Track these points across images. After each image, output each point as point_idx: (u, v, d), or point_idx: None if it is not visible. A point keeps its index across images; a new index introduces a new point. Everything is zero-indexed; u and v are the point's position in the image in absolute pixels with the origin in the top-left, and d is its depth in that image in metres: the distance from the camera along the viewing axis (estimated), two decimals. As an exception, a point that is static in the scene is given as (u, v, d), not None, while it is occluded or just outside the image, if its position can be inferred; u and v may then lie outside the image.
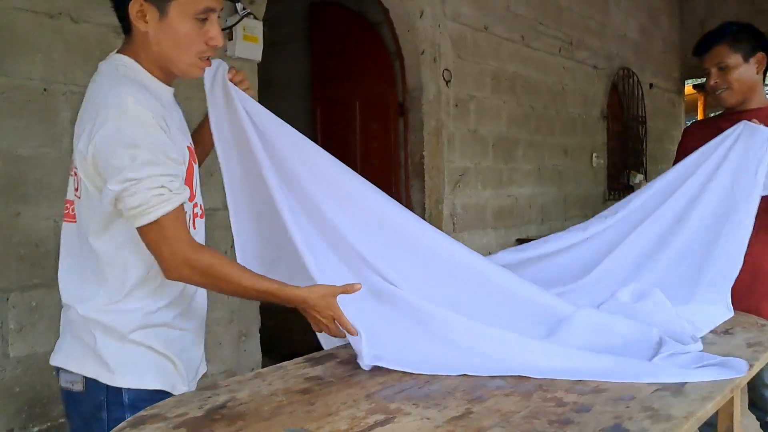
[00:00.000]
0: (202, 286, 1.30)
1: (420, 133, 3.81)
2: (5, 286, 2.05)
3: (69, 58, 2.21)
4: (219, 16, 1.25)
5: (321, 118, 4.23)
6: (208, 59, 1.27)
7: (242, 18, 2.71)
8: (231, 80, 1.35)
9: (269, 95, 4.74)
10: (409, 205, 3.87)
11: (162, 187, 1.14)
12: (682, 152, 2.15)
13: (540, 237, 4.71)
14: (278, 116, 4.36)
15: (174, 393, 1.23)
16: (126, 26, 1.24)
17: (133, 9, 1.19)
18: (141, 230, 1.16)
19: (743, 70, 2.00)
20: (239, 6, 2.72)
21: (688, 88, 7.88)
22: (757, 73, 2.02)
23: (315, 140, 4.78)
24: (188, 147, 1.27)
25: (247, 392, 1.16)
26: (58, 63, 2.19)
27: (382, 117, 3.93)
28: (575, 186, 5.28)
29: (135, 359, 1.21)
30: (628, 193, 5.83)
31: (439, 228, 3.82)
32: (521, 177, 4.67)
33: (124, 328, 1.21)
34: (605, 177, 5.75)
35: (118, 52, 1.25)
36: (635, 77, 6.22)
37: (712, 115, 2.31)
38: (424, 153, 3.81)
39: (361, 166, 4.05)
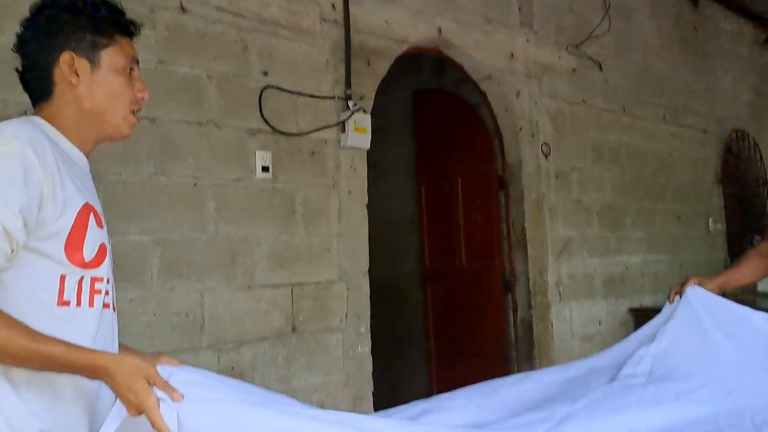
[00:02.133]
0: None
1: (521, 205, 3.95)
2: (162, 349, 2.41)
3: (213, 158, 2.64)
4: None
5: (426, 196, 4.50)
6: (135, 114, 1.23)
7: (353, 113, 3.07)
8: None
9: (377, 177, 5.11)
10: (513, 276, 3.97)
11: None
12: None
13: (655, 306, 4.58)
14: (385, 196, 4.83)
15: None
16: (43, 89, 1.17)
17: (64, 65, 1.14)
18: None
19: None
20: (351, 103, 3.08)
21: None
22: None
23: (421, 217, 5.04)
24: (88, 205, 1.13)
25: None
26: (205, 162, 2.61)
27: (484, 192, 4.12)
28: (691, 252, 5.10)
29: None
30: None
31: (545, 297, 3.89)
32: (631, 245, 4.61)
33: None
34: (725, 242, 5.49)
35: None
36: (750, 138, 5.99)
37: None
38: (525, 224, 3.92)
39: (465, 239, 4.24)
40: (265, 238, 2.76)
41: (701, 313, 1.89)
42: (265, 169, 2.79)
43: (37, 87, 1.18)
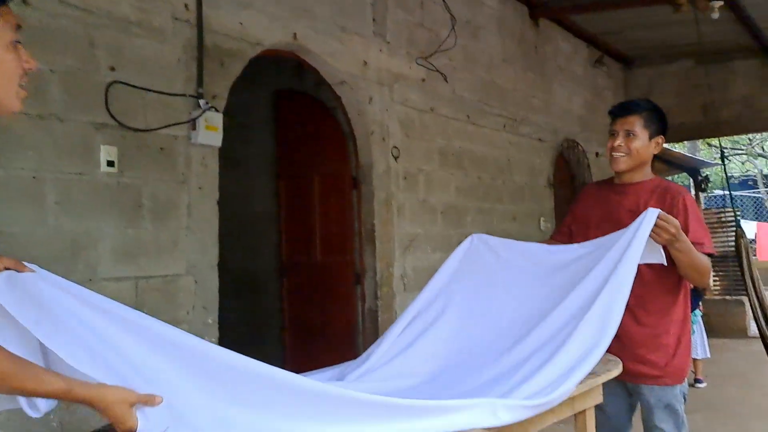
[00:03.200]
0: None
1: (371, 204, 4.24)
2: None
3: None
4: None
5: (285, 193, 4.68)
6: (24, 86, 1.22)
7: (204, 111, 3.17)
8: None
9: (239, 174, 5.22)
10: (363, 269, 4.26)
11: None
12: (575, 208, 2.50)
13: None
14: (247, 193, 5.03)
15: None
16: None
17: None
18: None
19: (644, 144, 2.21)
20: (202, 102, 3.18)
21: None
22: (653, 152, 2.26)
23: (279, 213, 5.23)
24: None
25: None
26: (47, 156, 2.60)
27: (338, 191, 4.37)
28: (526, 249, 5.69)
29: None
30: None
31: (391, 288, 4.21)
32: (471, 241, 5.07)
33: None
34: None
35: None
36: (580, 147, 6.77)
37: (604, 180, 2.65)
38: (375, 222, 4.22)
39: (320, 235, 4.47)
40: (110, 232, 2.80)
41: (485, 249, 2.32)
42: (110, 163, 2.82)
43: None
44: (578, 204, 2.54)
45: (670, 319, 2.19)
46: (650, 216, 1.94)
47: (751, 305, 3.70)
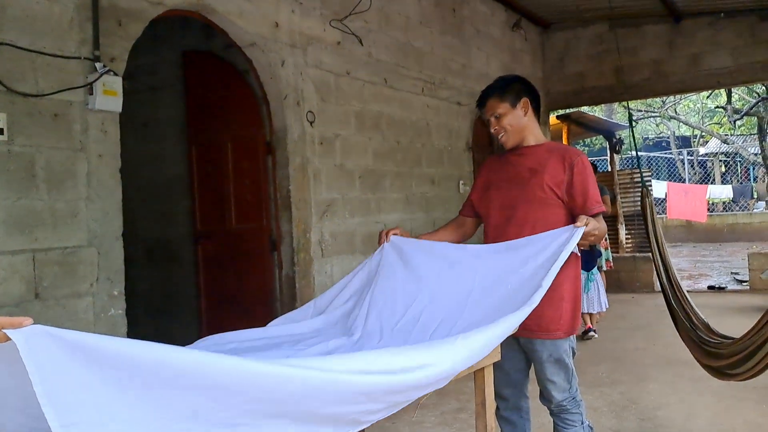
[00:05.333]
0: None
1: (286, 170, 4.20)
2: None
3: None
4: None
5: (197, 159, 4.55)
6: None
7: (102, 75, 3.02)
8: None
9: (147, 137, 5.04)
10: (279, 236, 4.24)
11: None
12: (478, 179, 2.59)
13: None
14: (157, 157, 4.89)
15: None
16: None
17: None
18: None
19: (512, 116, 2.34)
20: (99, 65, 3.03)
21: (553, 118, 8.74)
22: (525, 115, 2.35)
23: (192, 180, 5.14)
24: None
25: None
26: None
27: (252, 156, 4.30)
28: (443, 211, 5.82)
29: None
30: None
31: (308, 254, 4.23)
32: (389, 205, 5.14)
33: None
34: (474, 201, 6.34)
35: None
36: (499, 111, 6.91)
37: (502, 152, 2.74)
38: (290, 187, 4.19)
39: (235, 202, 4.40)
40: (1, 203, 2.67)
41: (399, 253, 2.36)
42: (-2, 131, 2.67)
43: None
44: (481, 174, 2.63)
45: (563, 276, 2.28)
46: (578, 234, 2.10)
47: (653, 260, 3.92)
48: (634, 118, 7.24)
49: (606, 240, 6.59)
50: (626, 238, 9.02)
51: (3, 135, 2.70)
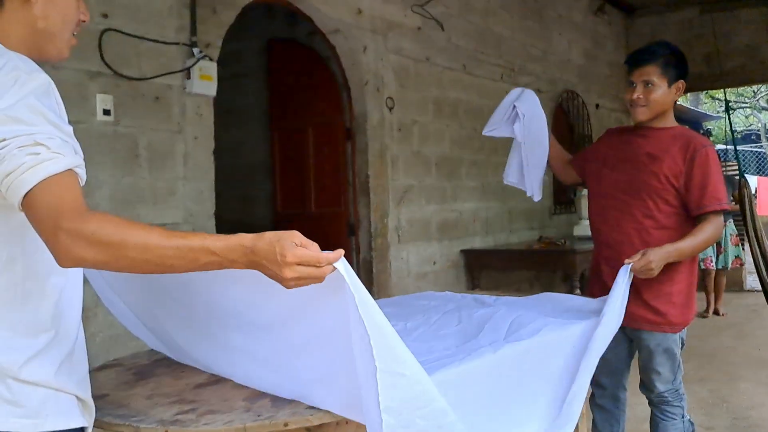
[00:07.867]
0: (104, 267, 0.99)
1: (365, 155, 4.27)
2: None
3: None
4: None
5: (278, 144, 4.69)
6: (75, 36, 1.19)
7: (198, 60, 3.16)
8: None
9: (231, 124, 5.23)
10: (357, 220, 4.32)
11: (37, 144, 0.94)
12: (596, 149, 2.43)
13: (484, 248, 5.13)
14: (240, 143, 5.01)
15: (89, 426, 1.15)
16: None
17: None
18: (24, 204, 0.95)
19: (664, 92, 2.14)
20: (196, 50, 3.18)
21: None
22: (674, 99, 2.18)
23: (273, 164, 5.29)
24: None
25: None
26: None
27: (332, 142, 4.39)
28: (520, 201, 5.74)
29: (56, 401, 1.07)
30: (573, 207, 6.30)
31: (385, 239, 4.28)
32: (465, 193, 5.13)
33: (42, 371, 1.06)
34: (551, 192, 6.22)
35: None
36: (580, 99, 6.74)
37: (626, 126, 2.60)
38: (369, 173, 4.26)
39: (315, 186, 4.51)
40: (107, 181, 2.85)
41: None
42: (106, 112, 2.85)
43: None
44: (598, 144, 2.48)
45: (676, 269, 2.17)
46: (623, 273, 1.93)
47: (752, 255, 3.68)
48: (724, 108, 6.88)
49: (735, 234, 6.29)
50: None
51: (110, 116, 2.87)
